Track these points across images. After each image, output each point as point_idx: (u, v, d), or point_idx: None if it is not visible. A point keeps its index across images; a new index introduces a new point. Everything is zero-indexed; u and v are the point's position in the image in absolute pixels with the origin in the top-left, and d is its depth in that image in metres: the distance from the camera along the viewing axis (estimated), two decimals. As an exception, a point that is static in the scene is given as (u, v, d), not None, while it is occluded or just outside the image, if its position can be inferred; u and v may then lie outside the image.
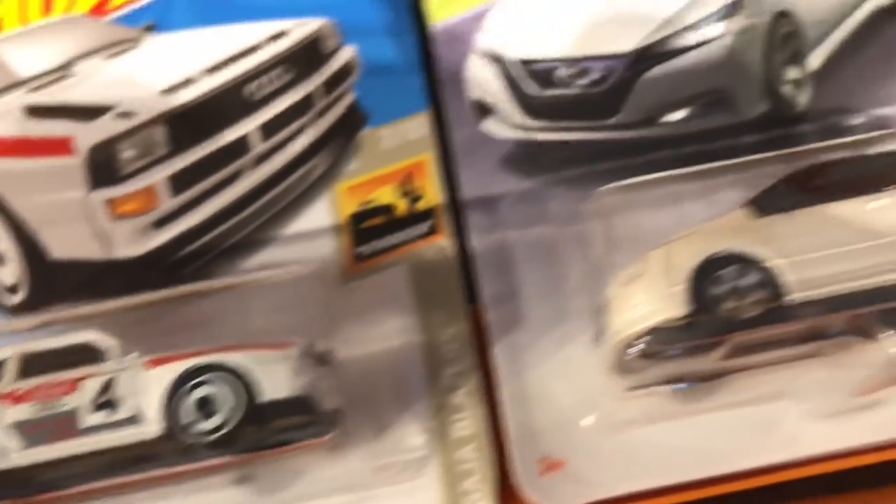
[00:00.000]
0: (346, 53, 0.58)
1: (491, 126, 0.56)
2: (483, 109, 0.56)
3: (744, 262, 0.43)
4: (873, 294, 0.42)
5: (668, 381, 0.46)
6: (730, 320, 0.43)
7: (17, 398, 0.44)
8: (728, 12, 0.55)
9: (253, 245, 0.54)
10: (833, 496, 0.49)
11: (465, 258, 0.54)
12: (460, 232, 0.54)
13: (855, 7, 0.57)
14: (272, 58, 0.57)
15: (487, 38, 0.57)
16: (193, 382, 0.44)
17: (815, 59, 0.56)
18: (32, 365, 0.45)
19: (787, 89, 0.56)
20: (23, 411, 0.44)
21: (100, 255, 0.53)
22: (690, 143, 0.54)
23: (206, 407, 0.44)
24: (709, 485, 0.49)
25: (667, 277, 0.43)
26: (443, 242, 0.54)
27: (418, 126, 0.57)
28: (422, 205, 0.55)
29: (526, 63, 0.56)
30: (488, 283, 0.53)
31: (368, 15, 0.59)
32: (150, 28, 0.58)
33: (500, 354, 0.51)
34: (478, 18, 0.57)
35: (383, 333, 0.52)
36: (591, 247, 0.50)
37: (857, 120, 0.54)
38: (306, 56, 0.58)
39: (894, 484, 0.49)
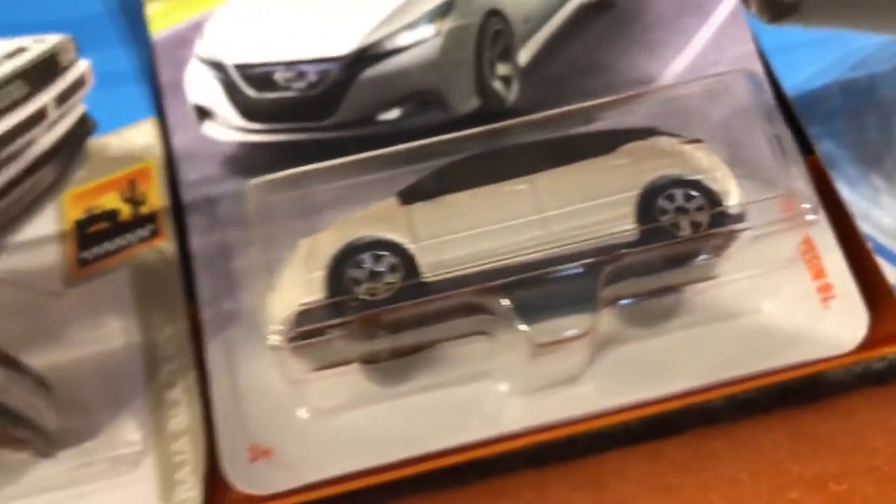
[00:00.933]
0: (81, 67, 0.59)
1: (211, 130, 0.56)
2: (203, 113, 0.57)
3: (381, 247, 0.44)
4: (498, 273, 0.44)
5: (340, 364, 0.46)
6: (368, 301, 0.44)
7: None
8: (439, 13, 0.57)
9: None
10: (533, 469, 0.50)
11: (186, 260, 0.54)
12: (183, 235, 0.54)
13: (563, 2, 0.59)
14: (10, 73, 0.57)
15: (206, 45, 0.57)
16: None
17: (524, 55, 0.58)
18: None
19: (497, 85, 0.57)
20: None
21: None
22: (406, 140, 0.55)
23: None
24: (415, 463, 0.49)
25: (309, 264, 0.44)
26: (163, 245, 0.54)
27: (143, 133, 0.58)
28: (145, 209, 0.55)
29: (243, 67, 0.57)
30: (205, 283, 0.53)
31: (102, 29, 0.60)
32: None
33: (213, 351, 0.51)
34: (197, 27, 0.58)
35: (104, 335, 0.52)
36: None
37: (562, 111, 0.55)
38: (43, 70, 0.58)
39: (585, 456, 0.49)
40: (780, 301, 0.50)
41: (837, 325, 0.49)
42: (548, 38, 0.58)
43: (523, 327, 0.43)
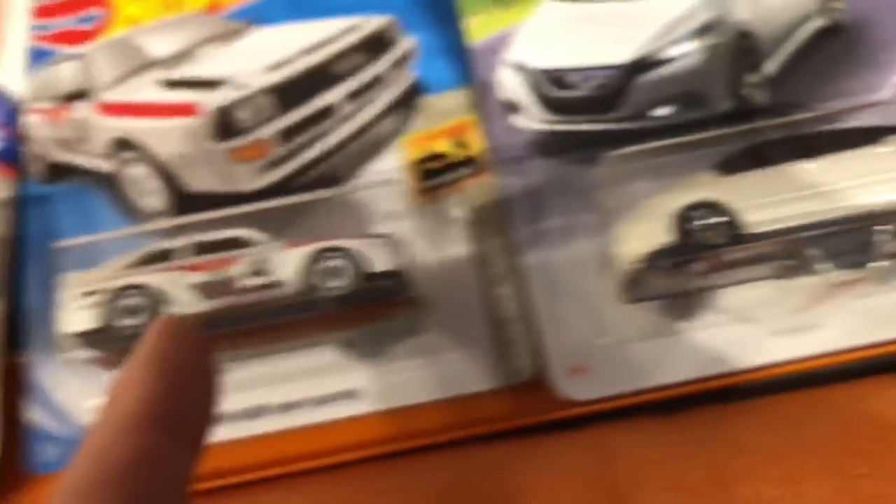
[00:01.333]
0: (406, 43, 0.76)
1: (518, 120, 0.72)
2: (512, 107, 0.72)
3: (712, 206, 0.59)
4: (809, 227, 0.58)
5: (662, 297, 0.61)
6: (704, 245, 0.58)
7: (193, 268, 0.59)
8: (699, 33, 0.72)
9: (343, 182, 0.71)
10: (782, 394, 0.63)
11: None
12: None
13: (800, 26, 0.73)
14: (349, 45, 0.75)
15: (515, 52, 0.73)
16: (321, 258, 0.59)
17: (771, 66, 0.72)
18: (202, 248, 0.61)
19: (747, 91, 0.72)
20: (198, 277, 0.59)
21: (226, 189, 0.70)
22: (673, 133, 0.70)
23: (331, 274, 0.59)
24: (692, 384, 0.63)
25: (658, 217, 0.59)
26: (486, 180, 0.70)
27: (463, 96, 0.74)
28: (469, 152, 0.71)
29: (545, 71, 0.72)
30: (518, 215, 0.68)
31: (418, 14, 0.78)
32: (251, 22, 0.77)
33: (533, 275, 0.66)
34: (506, 38, 0.74)
35: (444, 244, 0.68)
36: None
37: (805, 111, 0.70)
38: (374, 43, 0.76)
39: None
40: None
41: None
42: (789, 55, 0.72)
43: (824, 271, 0.57)
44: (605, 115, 0.70)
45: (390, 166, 0.71)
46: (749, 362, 0.62)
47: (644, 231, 0.58)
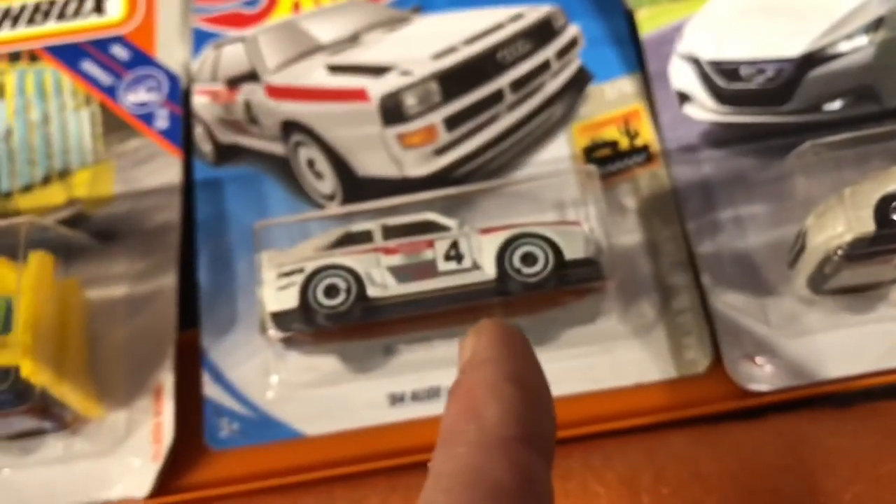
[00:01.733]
0: (573, 30, 0.77)
1: (690, 110, 0.72)
2: (683, 97, 0.72)
3: None
4: None
5: (855, 290, 0.61)
6: None
7: (388, 251, 0.60)
8: (872, 27, 0.71)
9: (511, 169, 0.71)
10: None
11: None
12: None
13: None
14: (515, 32, 0.75)
15: (686, 44, 0.73)
16: (517, 244, 0.60)
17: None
18: (392, 231, 0.62)
19: (921, 86, 0.72)
20: (394, 259, 0.59)
21: (395, 175, 0.70)
22: (845, 127, 0.70)
23: (527, 260, 0.60)
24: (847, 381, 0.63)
25: (857, 206, 0.58)
26: (657, 170, 0.70)
27: (631, 84, 0.74)
28: (639, 141, 0.71)
29: (716, 63, 0.72)
30: (690, 204, 0.68)
31: (585, 4, 0.78)
32: (417, 10, 0.78)
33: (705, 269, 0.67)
34: (678, 29, 0.74)
35: (618, 231, 0.69)
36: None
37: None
38: (540, 31, 0.76)
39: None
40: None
41: None
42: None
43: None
44: (777, 108, 0.71)
45: (559, 154, 0.71)
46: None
47: (844, 221, 0.58)
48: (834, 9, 0.72)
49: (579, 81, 0.74)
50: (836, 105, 0.71)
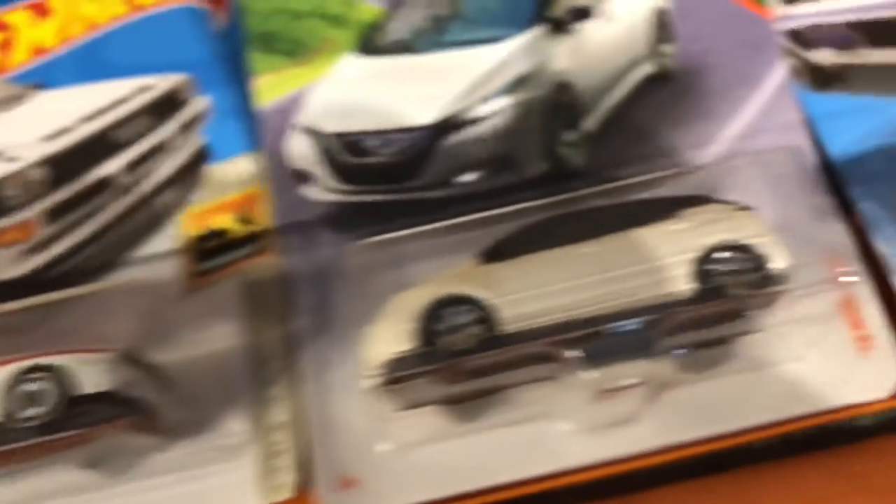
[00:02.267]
0: (201, 103, 0.67)
1: (309, 191, 0.63)
2: (302, 177, 0.64)
3: (465, 302, 0.51)
4: (568, 326, 0.50)
5: (424, 404, 0.52)
6: (453, 351, 0.50)
7: None
8: (513, 87, 0.63)
9: (112, 267, 0.62)
10: (592, 502, 0.55)
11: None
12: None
13: (626, 73, 0.65)
14: (138, 107, 0.66)
15: (307, 115, 0.65)
16: (23, 379, 0.51)
17: (591, 122, 0.64)
18: None
19: (564, 150, 0.63)
20: None
21: None
22: (483, 200, 0.61)
23: (33, 399, 0.51)
24: (486, 494, 0.55)
25: (401, 317, 0.50)
26: (270, 260, 0.62)
27: (251, 163, 0.66)
28: (253, 228, 0.63)
29: (339, 136, 0.63)
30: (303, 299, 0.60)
31: (210, 72, 0.69)
32: (39, 86, 0.68)
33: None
34: (298, 99, 0.65)
35: (217, 337, 0.59)
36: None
37: (626, 172, 0.61)
38: (166, 105, 0.67)
39: (642, 490, 0.55)
40: (821, 350, 0.55)
41: (874, 373, 0.54)
42: (612, 107, 0.64)
43: (589, 375, 0.49)
44: (405, 184, 0.62)
45: (164, 247, 0.63)
46: (553, 465, 0.53)
47: (386, 334, 0.50)
48: (472, 67, 0.64)
49: (198, 161, 0.66)
50: (471, 177, 0.62)
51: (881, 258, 0.56)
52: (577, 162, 0.63)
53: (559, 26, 0.64)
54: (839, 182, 0.60)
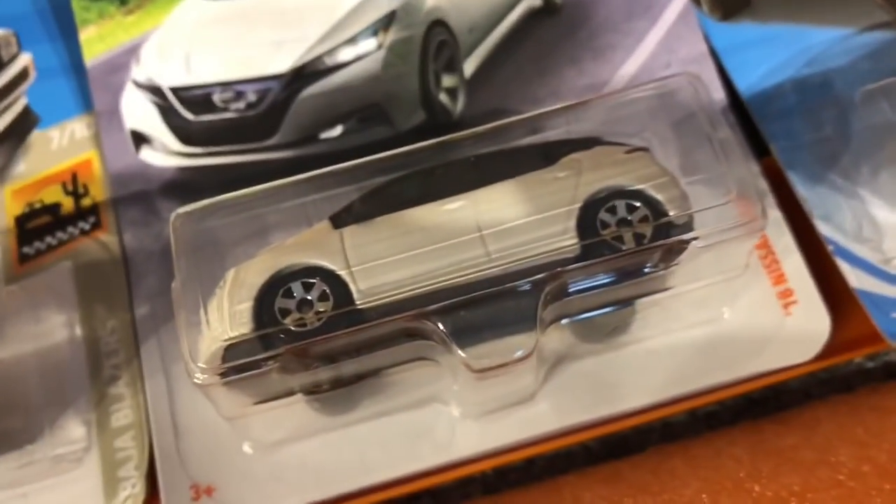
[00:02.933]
0: (23, 60, 0.59)
1: (148, 155, 0.54)
2: (140, 139, 0.55)
3: (312, 274, 0.42)
4: (433, 296, 0.41)
5: (282, 395, 0.44)
6: (297, 332, 0.42)
7: None
8: (381, 26, 0.55)
9: None
10: (489, 495, 0.48)
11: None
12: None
13: (508, 9, 0.57)
14: None
15: (143, 69, 0.56)
16: None
17: (470, 66, 0.56)
18: None
19: (443, 97, 0.56)
20: None
21: None
22: (349, 159, 0.53)
23: None
24: (365, 494, 0.47)
25: (235, 295, 0.42)
26: (106, 237, 0.53)
27: (84, 126, 0.57)
28: (86, 201, 0.55)
29: (180, 90, 0.55)
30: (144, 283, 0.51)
31: (34, 26, 0.60)
32: None
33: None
34: (132, 51, 0.56)
35: (46, 331, 0.51)
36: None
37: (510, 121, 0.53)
38: None
39: (543, 479, 0.48)
40: (740, 309, 0.49)
41: (799, 331, 0.48)
42: (493, 46, 0.57)
43: (461, 353, 0.41)
44: (260, 143, 0.54)
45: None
46: (440, 457, 0.46)
47: (222, 315, 0.41)
48: (333, 6, 0.56)
49: (22, 127, 0.56)
50: (336, 132, 0.54)
51: (801, 201, 0.50)
52: (455, 110, 0.55)
53: (430, -44, 0.56)
54: (751, 119, 0.53)
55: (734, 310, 0.49)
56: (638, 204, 0.43)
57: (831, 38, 0.55)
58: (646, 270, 0.43)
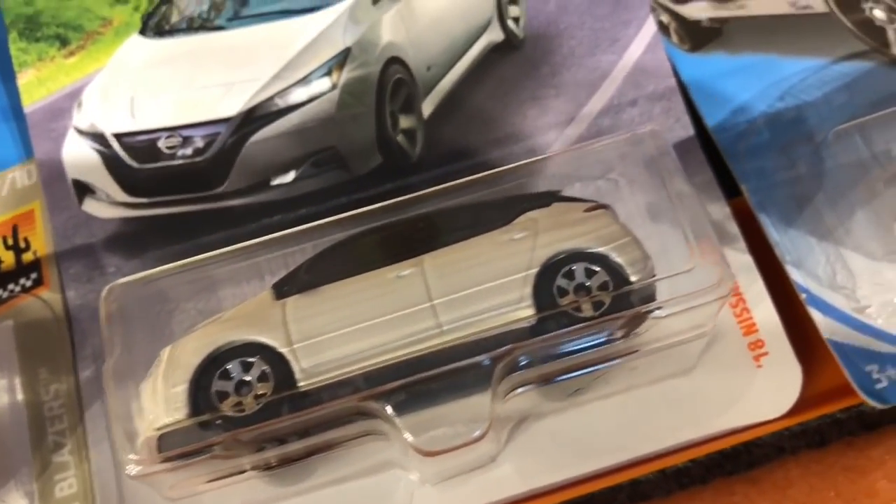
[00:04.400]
0: None
1: (92, 207, 0.55)
2: (84, 189, 0.55)
3: (251, 352, 0.43)
4: (380, 375, 0.42)
5: (231, 475, 0.45)
6: (234, 418, 0.42)
7: None
8: (336, 64, 0.56)
9: None
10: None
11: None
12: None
13: (468, 45, 0.58)
14: None
15: (84, 115, 0.56)
16: None
17: (429, 105, 0.57)
18: None
19: (400, 139, 0.56)
20: None
21: None
22: (303, 205, 0.54)
23: None
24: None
25: (170, 378, 0.42)
26: (48, 295, 0.53)
27: (25, 175, 0.57)
28: (28, 256, 0.55)
29: (124, 136, 0.55)
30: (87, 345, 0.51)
31: None
32: None
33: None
34: (74, 95, 0.57)
35: None
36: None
37: (471, 163, 0.54)
38: None
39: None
40: (709, 361, 0.49)
41: (770, 385, 0.48)
42: (453, 84, 0.57)
43: (410, 438, 0.41)
44: (208, 192, 0.54)
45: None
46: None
47: (157, 398, 0.42)
48: (284, 44, 0.56)
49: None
50: (289, 177, 0.54)
51: (772, 246, 0.50)
52: (413, 153, 0.55)
53: (387, -11, 0.57)
54: (722, 158, 0.53)
55: (704, 362, 0.49)
56: (597, 268, 0.43)
57: (805, 69, 0.56)
58: (607, 338, 0.44)
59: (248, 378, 0.43)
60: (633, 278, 0.43)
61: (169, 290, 0.45)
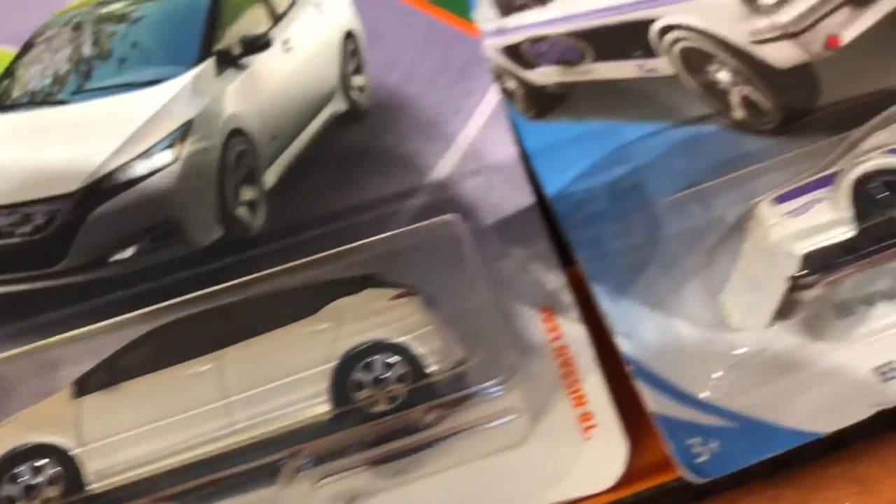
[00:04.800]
0: None
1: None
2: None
3: (40, 454, 0.43)
4: (168, 477, 0.42)
5: None
6: None
7: None
8: (177, 137, 0.56)
9: None
10: None
11: None
12: None
13: (313, 115, 0.59)
14: None
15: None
16: None
17: (272, 176, 0.57)
18: None
19: (241, 211, 0.57)
20: None
21: None
22: (143, 281, 0.54)
23: None
24: None
25: None
26: None
27: None
28: None
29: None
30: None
31: None
32: None
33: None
34: None
35: None
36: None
37: (313, 236, 0.55)
38: None
39: None
40: (541, 434, 0.50)
41: (597, 457, 0.49)
42: (297, 154, 0.58)
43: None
44: (48, 269, 0.54)
45: None
46: None
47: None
48: (127, 118, 0.57)
49: None
50: (128, 253, 0.55)
51: (603, 317, 0.51)
52: (255, 224, 0.56)
53: (229, 61, 0.57)
54: (559, 226, 0.54)
55: (535, 434, 0.50)
56: (396, 359, 0.44)
57: (647, 134, 0.57)
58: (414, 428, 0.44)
59: (36, 482, 0.42)
60: (432, 369, 0.43)
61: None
